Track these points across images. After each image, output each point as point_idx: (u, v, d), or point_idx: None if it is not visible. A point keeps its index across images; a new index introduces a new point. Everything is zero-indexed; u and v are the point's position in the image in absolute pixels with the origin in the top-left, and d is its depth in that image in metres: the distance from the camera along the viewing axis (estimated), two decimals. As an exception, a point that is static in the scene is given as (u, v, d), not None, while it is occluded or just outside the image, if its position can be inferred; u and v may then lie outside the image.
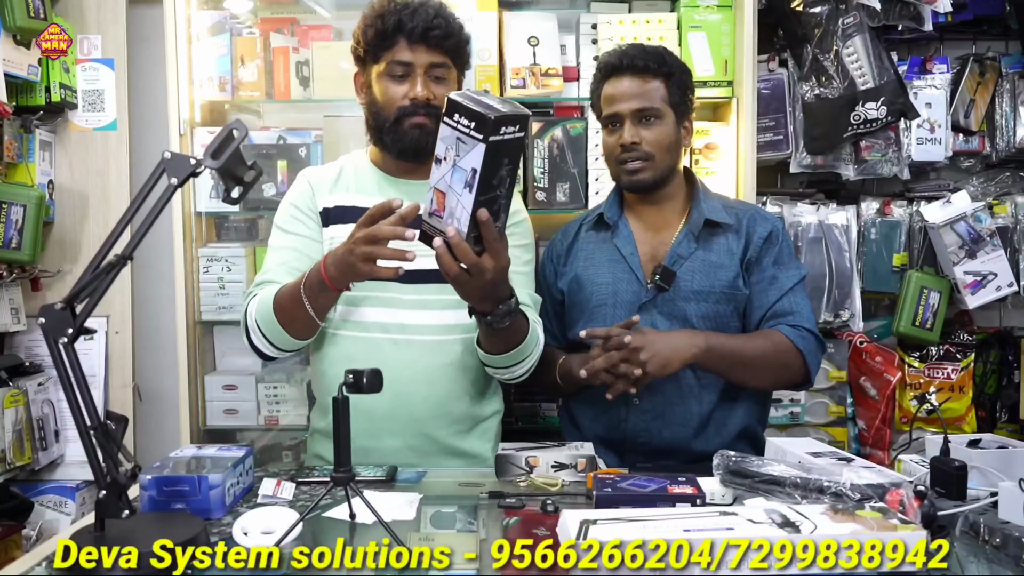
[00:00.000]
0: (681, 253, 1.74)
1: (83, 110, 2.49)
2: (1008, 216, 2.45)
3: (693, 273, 1.73)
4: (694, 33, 2.36)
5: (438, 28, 1.62)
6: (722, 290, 1.72)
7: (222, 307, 2.45)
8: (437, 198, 1.26)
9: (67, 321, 1.13)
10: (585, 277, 1.80)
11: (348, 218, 1.69)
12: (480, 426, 1.72)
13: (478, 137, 1.18)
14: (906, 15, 2.38)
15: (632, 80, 1.73)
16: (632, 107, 1.72)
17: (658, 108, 1.73)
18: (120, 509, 1.11)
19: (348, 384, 1.20)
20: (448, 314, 1.63)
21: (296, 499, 1.37)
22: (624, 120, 1.73)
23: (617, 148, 1.75)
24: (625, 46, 1.81)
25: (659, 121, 1.73)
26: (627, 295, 1.75)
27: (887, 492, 1.23)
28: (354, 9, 2.56)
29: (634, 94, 1.73)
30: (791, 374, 1.71)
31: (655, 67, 1.73)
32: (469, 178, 1.21)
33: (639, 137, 1.72)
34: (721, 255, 1.74)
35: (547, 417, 2.49)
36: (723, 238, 1.76)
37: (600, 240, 1.83)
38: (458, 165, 1.21)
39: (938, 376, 2.46)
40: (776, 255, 1.76)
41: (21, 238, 2.24)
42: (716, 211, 1.77)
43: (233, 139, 1.23)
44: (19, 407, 2.26)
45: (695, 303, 1.72)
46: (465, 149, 1.19)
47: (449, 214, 1.25)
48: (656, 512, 1.16)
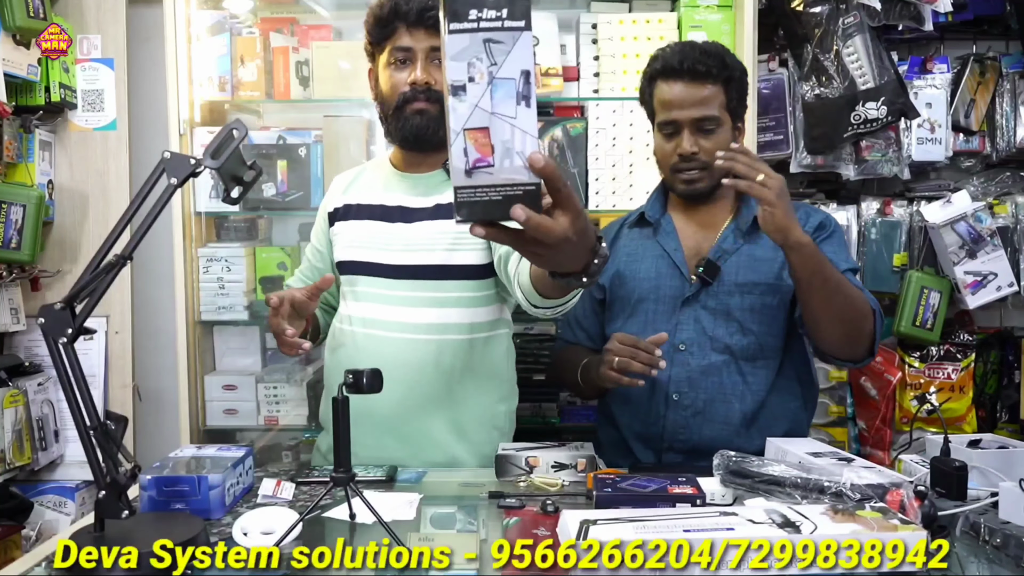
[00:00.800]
0: (726, 248, 1.70)
1: (83, 110, 2.49)
2: (1008, 216, 2.44)
3: (738, 267, 1.68)
4: (694, 33, 2.36)
5: (435, 9, 1.58)
6: (767, 282, 1.67)
7: (222, 307, 2.45)
8: (476, 141, 0.90)
9: (67, 321, 1.13)
10: (628, 273, 1.76)
11: (351, 216, 1.73)
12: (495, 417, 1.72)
13: (517, 25, 0.88)
14: (906, 15, 2.38)
15: (690, 86, 1.65)
16: (691, 116, 1.65)
17: (717, 116, 1.66)
18: (120, 509, 1.11)
19: (348, 384, 1.20)
20: (481, 311, 1.65)
21: (296, 499, 1.37)
22: (682, 128, 1.66)
23: (673, 156, 1.68)
24: (682, 45, 1.71)
25: (718, 129, 1.66)
26: (670, 290, 1.71)
27: (887, 492, 1.23)
28: (354, 9, 2.57)
29: (693, 102, 1.65)
30: (860, 333, 1.61)
31: (715, 72, 1.65)
32: (521, 86, 0.89)
33: (698, 147, 1.66)
34: (767, 249, 1.67)
35: (547, 417, 2.49)
36: None
37: (643, 237, 1.79)
38: (497, 77, 0.89)
39: (938, 376, 2.45)
40: (830, 241, 1.69)
41: (21, 238, 2.24)
42: None
43: (233, 139, 1.23)
44: (19, 407, 2.26)
45: (739, 296, 1.67)
46: (502, 49, 0.88)
47: (504, 153, 0.89)
48: (656, 512, 1.16)
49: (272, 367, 2.54)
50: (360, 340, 1.66)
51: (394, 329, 1.64)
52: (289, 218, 2.62)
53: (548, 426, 2.48)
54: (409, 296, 1.64)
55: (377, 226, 1.69)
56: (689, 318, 1.68)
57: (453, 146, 0.88)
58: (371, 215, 1.71)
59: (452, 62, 0.88)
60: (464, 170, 0.88)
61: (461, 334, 1.64)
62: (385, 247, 1.67)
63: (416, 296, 1.64)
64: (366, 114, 2.48)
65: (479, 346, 1.66)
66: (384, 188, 1.71)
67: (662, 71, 1.68)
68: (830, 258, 1.60)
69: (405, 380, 1.60)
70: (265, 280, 2.50)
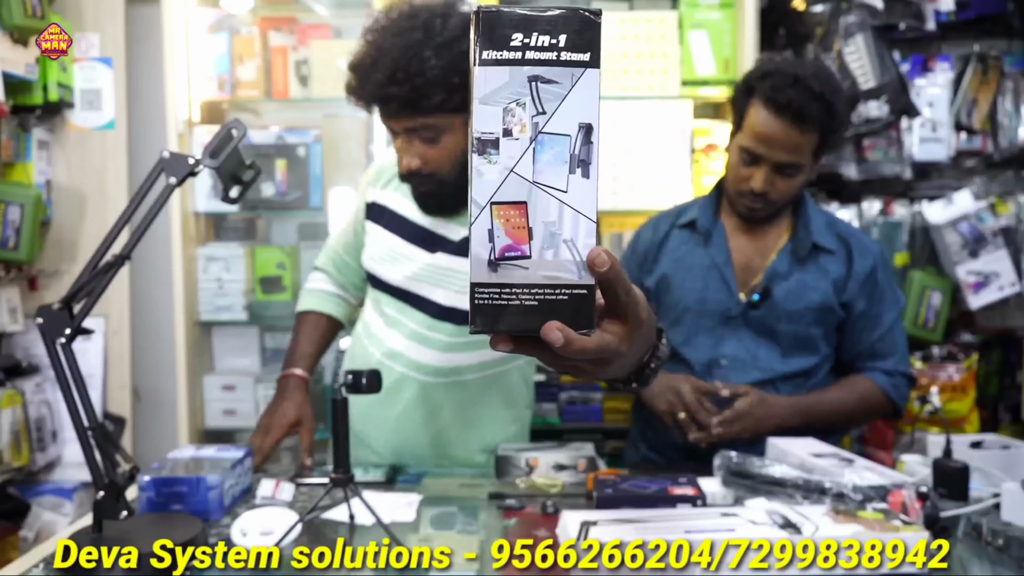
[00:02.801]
0: (780, 271, 1.67)
1: (81, 109, 2.48)
2: (1011, 216, 2.44)
3: (787, 292, 1.66)
4: (695, 32, 2.36)
5: (395, 97, 1.35)
6: (814, 310, 1.65)
7: (221, 307, 2.45)
8: (507, 221, 0.64)
9: (65, 321, 1.12)
10: (675, 280, 1.72)
11: (384, 220, 1.61)
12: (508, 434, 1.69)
13: (579, 59, 0.63)
14: (908, 14, 2.37)
15: (788, 128, 1.55)
16: (777, 159, 1.57)
17: (802, 163, 1.59)
18: (118, 510, 1.11)
19: (347, 385, 1.20)
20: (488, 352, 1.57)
21: (295, 500, 1.36)
22: (762, 163, 1.59)
23: (745, 184, 1.62)
24: (795, 73, 1.56)
25: (798, 174, 1.60)
26: (715, 305, 1.68)
27: (889, 493, 1.22)
28: (354, 8, 2.57)
29: (783, 145, 1.56)
30: (880, 416, 1.82)
31: (818, 120, 1.55)
32: (579, 147, 0.64)
33: (772, 187, 1.60)
34: (817, 277, 1.66)
35: (547, 417, 2.48)
36: (824, 259, 1.67)
37: (693, 243, 1.73)
38: (545, 131, 0.64)
39: (940, 376, 2.45)
40: (879, 292, 1.68)
41: (18, 238, 2.23)
42: (822, 233, 1.68)
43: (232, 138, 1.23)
44: (16, 408, 2.25)
45: (785, 323, 1.65)
46: (555, 93, 0.63)
47: (546, 240, 0.64)
48: (657, 513, 1.16)
49: (271, 367, 2.53)
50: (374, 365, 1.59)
51: (410, 368, 1.58)
52: (288, 218, 2.62)
53: (548, 426, 2.48)
54: (424, 335, 1.57)
55: (402, 245, 1.58)
56: (731, 336, 1.67)
57: (475, 225, 0.64)
58: (400, 230, 1.59)
59: (482, 106, 0.63)
60: (487, 260, 0.64)
61: (472, 374, 1.60)
62: (404, 270, 1.57)
63: (431, 337, 1.56)
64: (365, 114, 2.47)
65: (492, 381, 1.63)
66: (410, 198, 1.57)
67: (769, 99, 1.56)
68: (875, 315, 1.67)
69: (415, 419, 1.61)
70: (264, 280, 2.50)
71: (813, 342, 1.67)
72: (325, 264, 1.79)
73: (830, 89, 1.57)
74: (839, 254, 1.68)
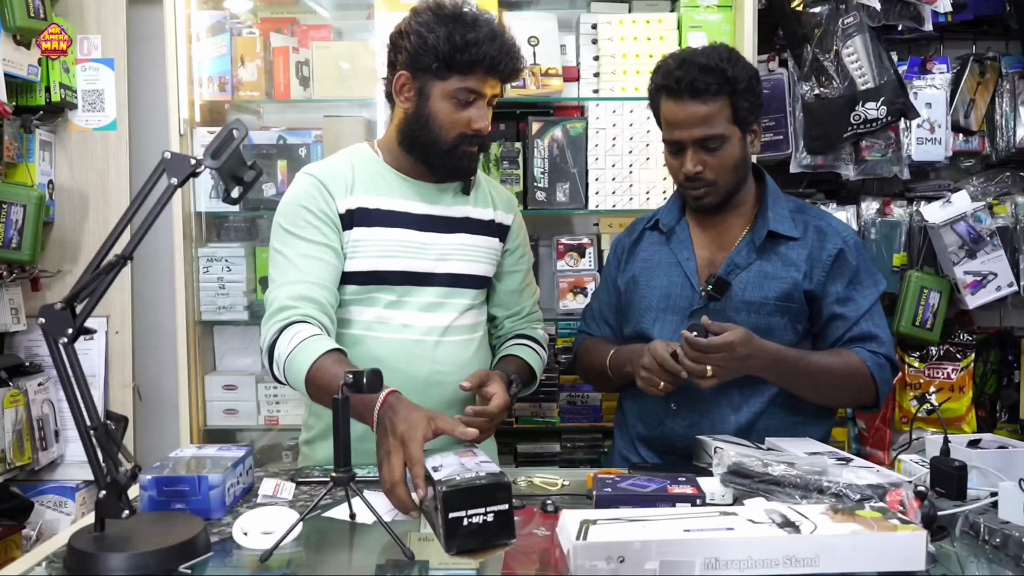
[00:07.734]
0: (739, 262, 1.68)
1: (83, 110, 2.49)
2: (1008, 216, 2.44)
3: (747, 284, 1.66)
4: (694, 33, 2.36)
5: (516, 66, 1.62)
6: (775, 302, 1.65)
7: (222, 307, 2.45)
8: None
9: (67, 321, 1.13)
10: (642, 279, 1.76)
11: (374, 221, 1.64)
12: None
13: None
14: (906, 15, 2.37)
15: (691, 104, 1.59)
16: (693, 135, 1.61)
17: (721, 133, 1.61)
18: (120, 509, 1.12)
19: (348, 384, 1.20)
20: (471, 314, 1.73)
21: (296, 499, 1.37)
22: (686, 147, 1.63)
23: (680, 174, 1.66)
24: (683, 58, 1.63)
25: (723, 145, 1.62)
26: (679, 300, 1.70)
27: (887, 492, 1.23)
28: (354, 9, 2.58)
29: (695, 121, 1.60)
30: (861, 398, 1.69)
31: (717, 87, 1.58)
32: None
33: (702, 165, 1.63)
34: (778, 266, 1.67)
35: (547, 417, 2.49)
36: (785, 247, 1.68)
37: (659, 242, 1.78)
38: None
39: (938, 376, 2.45)
40: (851, 274, 1.67)
41: (21, 238, 2.24)
42: (782, 221, 1.68)
43: (233, 139, 1.24)
44: (19, 407, 2.26)
45: (746, 314, 1.65)
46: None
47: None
48: (656, 512, 1.16)
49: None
50: (396, 345, 1.65)
51: (433, 333, 1.67)
52: (289, 218, 2.61)
53: (548, 426, 2.48)
54: (439, 303, 1.68)
55: (409, 234, 1.67)
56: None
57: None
58: (404, 223, 1.67)
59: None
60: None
61: (477, 332, 1.75)
62: (419, 255, 1.67)
63: (449, 303, 1.69)
64: (366, 114, 2.48)
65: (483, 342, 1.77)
66: (401, 195, 1.67)
67: (663, 87, 1.64)
68: (849, 297, 1.65)
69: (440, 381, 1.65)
70: (265, 280, 2.50)
71: (778, 333, 1.65)
72: (309, 293, 1.56)
73: (719, 57, 1.61)
74: (805, 240, 1.68)
